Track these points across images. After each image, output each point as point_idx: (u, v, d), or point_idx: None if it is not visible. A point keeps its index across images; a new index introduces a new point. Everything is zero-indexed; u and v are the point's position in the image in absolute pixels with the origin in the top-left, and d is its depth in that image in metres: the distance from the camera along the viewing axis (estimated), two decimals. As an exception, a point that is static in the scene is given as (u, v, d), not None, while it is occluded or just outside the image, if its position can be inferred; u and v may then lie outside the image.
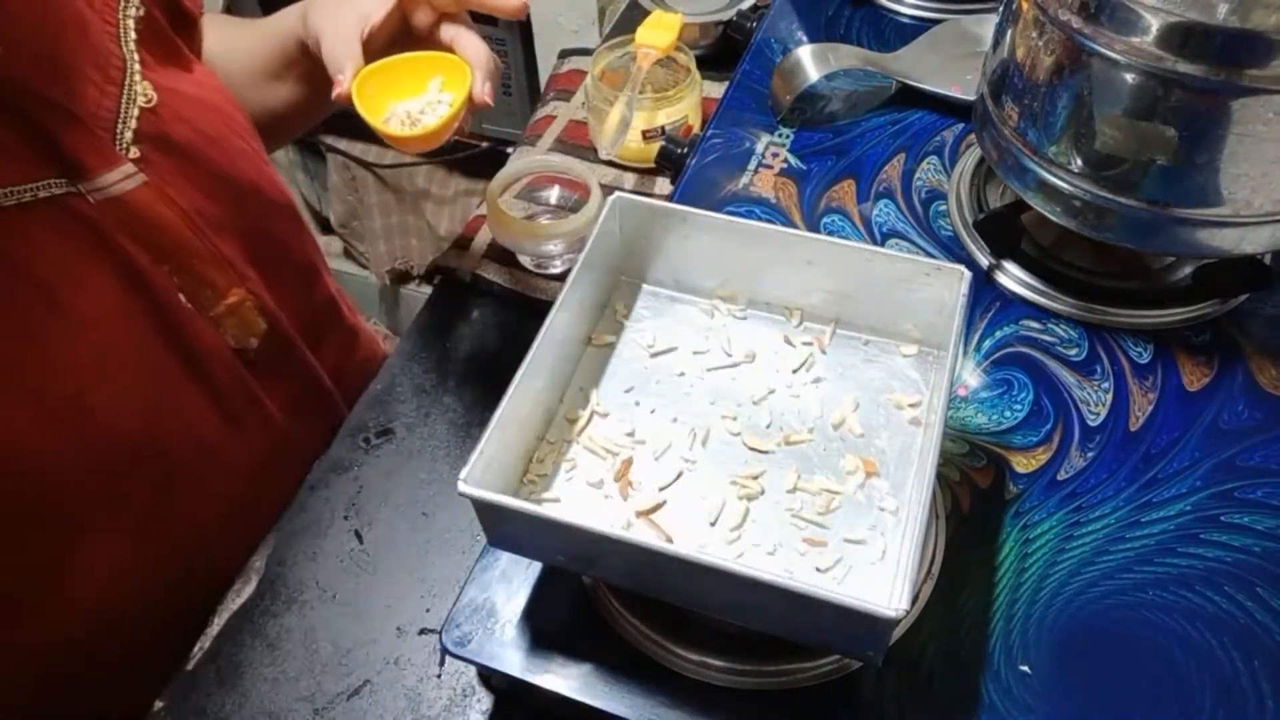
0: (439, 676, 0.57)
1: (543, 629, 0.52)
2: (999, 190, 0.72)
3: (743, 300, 0.58)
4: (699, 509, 0.50)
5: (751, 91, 0.83)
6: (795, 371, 0.55)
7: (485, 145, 1.62)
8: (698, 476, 0.51)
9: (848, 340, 0.56)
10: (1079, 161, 0.60)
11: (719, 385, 0.55)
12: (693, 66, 0.85)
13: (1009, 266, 0.68)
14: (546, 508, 0.47)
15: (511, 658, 0.51)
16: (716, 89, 0.89)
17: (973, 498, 0.56)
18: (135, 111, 0.58)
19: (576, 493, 0.51)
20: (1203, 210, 0.57)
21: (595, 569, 0.49)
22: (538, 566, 0.54)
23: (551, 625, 0.52)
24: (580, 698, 0.50)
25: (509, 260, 0.79)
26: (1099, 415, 0.60)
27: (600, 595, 0.53)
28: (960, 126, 0.78)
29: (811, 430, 0.53)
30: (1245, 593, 0.52)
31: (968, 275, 0.51)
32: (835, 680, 0.50)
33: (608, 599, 0.52)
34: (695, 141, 0.79)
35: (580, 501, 0.51)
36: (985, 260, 0.69)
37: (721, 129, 0.80)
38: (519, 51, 1.48)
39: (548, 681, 0.50)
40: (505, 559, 0.54)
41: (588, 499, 0.51)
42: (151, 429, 0.59)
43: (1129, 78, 0.55)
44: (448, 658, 0.58)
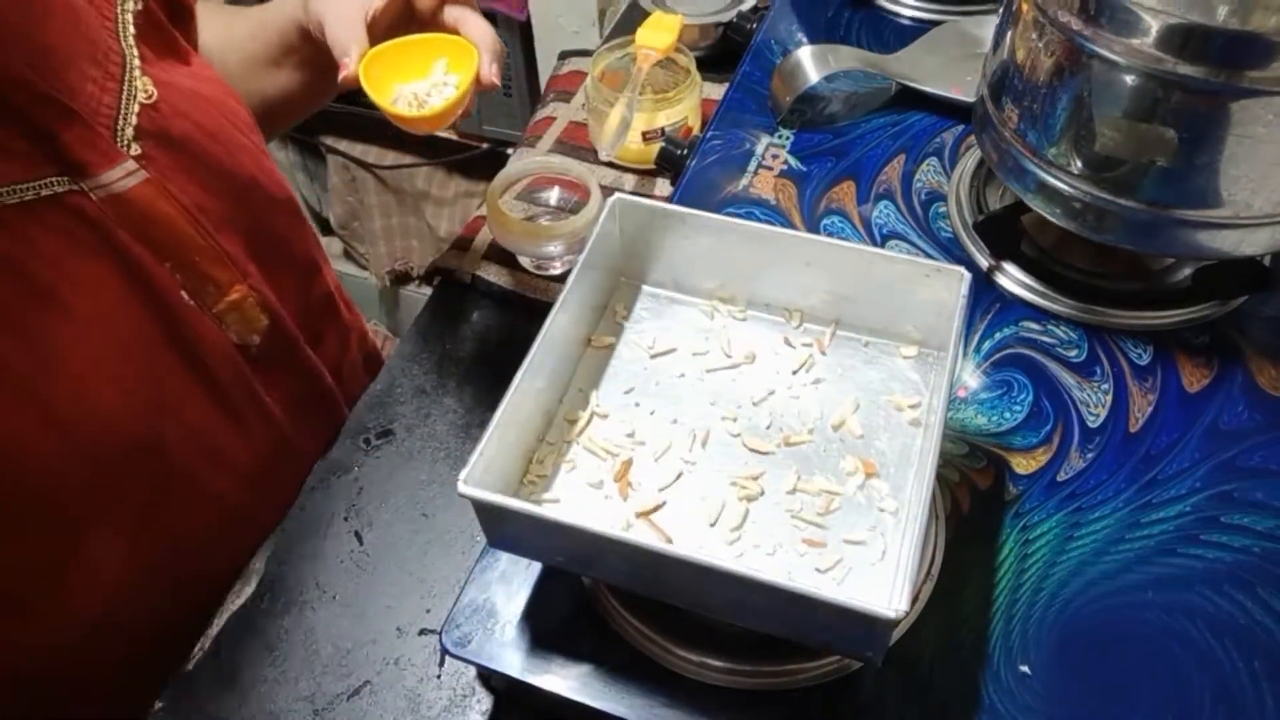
0: (439, 677, 0.57)
1: (543, 629, 0.52)
2: (999, 192, 0.72)
3: (742, 301, 0.58)
4: (699, 510, 0.50)
5: (751, 93, 0.83)
6: (795, 373, 0.55)
7: (485, 146, 1.62)
8: (697, 477, 0.51)
9: (847, 341, 0.57)
10: (1079, 163, 0.60)
11: (719, 386, 0.55)
12: (693, 68, 0.85)
13: (1009, 268, 0.68)
14: (546, 508, 0.47)
15: (511, 658, 0.51)
16: (716, 90, 0.89)
17: (973, 499, 0.56)
18: (135, 108, 0.58)
19: (576, 493, 0.51)
20: (1202, 212, 0.57)
21: (595, 569, 0.49)
22: (538, 566, 0.54)
23: (551, 625, 0.52)
24: (580, 698, 0.50)
25: (509, 261, 0.79)
26: (1099, 416, 0.60)
27: (600, 595, 0.53)
28: (960, 128, 0.78)
29: (811, 431, 0.53)
30: (1245, 593, 0.52)
31: (967, 277, 0.51)
32: (835, 680, 0.50)
33: (608, 599, 0.52)
34: (695, 143, 0.79)
35: (580, 502, 0.51)
36: (985, 262, 0.69)
37: (721, 130, 0.80)
38: (519, 52, 1.48)
39: (547, 682, 0.50)
40: (505, 559, 0.54)
41: (588, 499, 0.51)
42: (153, 428, 0.59)
43: (1129, 79, 0.55)
44: (448, 658, 0.58)
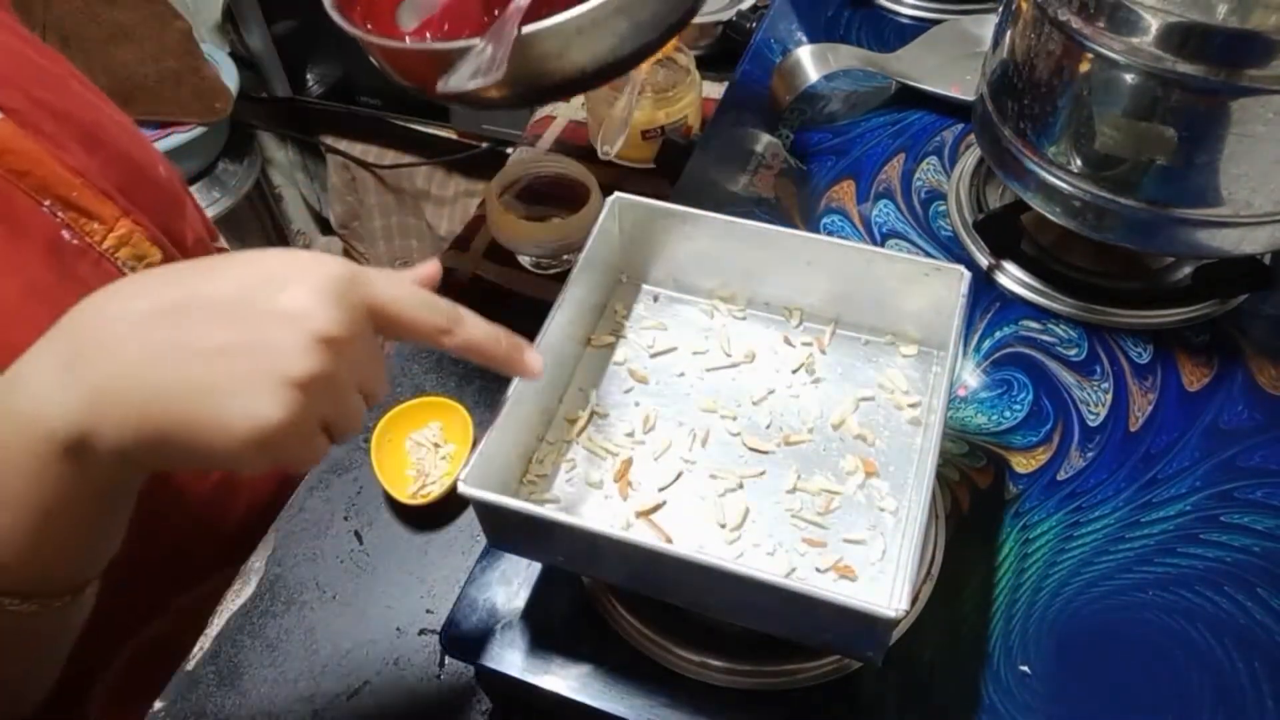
0: (439, 677, 0.57)
1: (543, 629, 0.52)
2: (999, 190, 0.72)
3: (742, 300, 0.58)
4: (699, 509, 0.50)
5: (751, 92, 0.83)
6: (795, 372, 0.55)
7: (485, 145, 1.62)
8: (697, 477, 0.51)
9: (847, 340, 0.56)
10: (1079, 162, 0.60)
11: (719, 385, 0.55)
12: (692, 67, 0.85)
13: (1009, 267, 0.68)
14: (546, 508, 0.47)
15: (511, 658, 0.51)
16: (716, 89, 0.89)
17: (973, 498, 0.56)
18: None
19: (576, 493, 0.51)
20: (1202, 210, 0.57)
21: (595, 569, 0.49)
22: (538, 566, 0.54)
23: (551, 625, 0.52)
24: (580, 698, 0.50)
25: (509, 260, 0.79)
26: (1099, 415, 0.60)
27: (600, 595, 0.53)
28: (960, 127, 0.78)
29: (811, 430, 0.53)
30: (1245, 593, 0.52)
31: (967, 275, 0.51)
32: (835, 680, 0.50)
33: (608, 599, 0.52)
34: (695, 142, 0.79)
35: (580, 501, 0.51)
36: (985, 260, 0.69)
37: (721, 129, 0.80)
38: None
39: (547, 682, 0.50)
40: (505, 559, 0.54)
41: (588, 499, 0.51)
42: None
43: (1129, 78, 0.55)
44: (448, 658, 0.58)
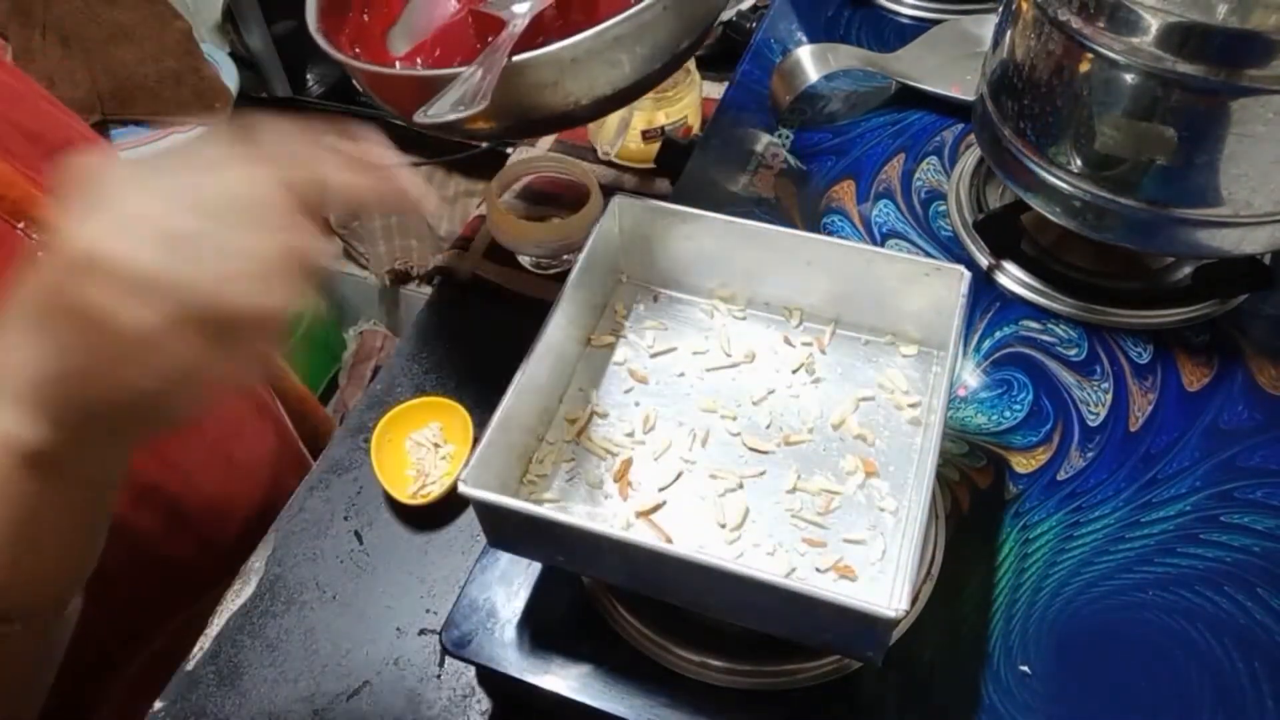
0: (439, 676, 0.57)
1: (543, 629, 0.52)
2: (999, 191, 0.72)
3: (742, 300, 0.58)
4: (699, 509, 0.50)
5: (751, 92, 0.83)
6: (795, 372, 0.55)
7: (485, 146, 1.62)
8: (697, 477, 0.51)
9: (847, 340, 0.56)
10: (1079, 162, 0.60)
11: (718, 385, 0.55)
12: (692, 67, 0.84)
13: (1009, 267, 0.68)
14: (546, 508, 0.47)
15: (511, 658, 0.51)
16: (716, 89, 0.89)
17: (973, 498, 0.56)
18: None
19: (576, 493, 0.51)
20: (1202, 210, 0.57)
21: (595, 569, 0.49)
22: (538, 566, 0.54)
23: (551, 625, 0.52)
24: (580, 698, 0.50)
25: (509, 260, 0.79)
26: (1099, 415, 0.60)
27: (600, 595, 0.53)
28: (960, 127, 0.78)
29: (811, 430, 0.53)
30: (1245, 593, 0.52)
31: (967, 275, 0.51)
32: (835, 680, 0.50)
33: (608, 599, 0.52)
34: (695, 142, 0.79)
35: (580, 501, 0.51)
36: (985, 260, 0.69)
37: (721, 129, 0.80)
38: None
39: (547, 682, 0.50)
40: (505, 559, 0.54)
41: (588, 499, 0.51)
42: None
43: (1129, 78, 0.55)
44: (448, 658, 0.58)
